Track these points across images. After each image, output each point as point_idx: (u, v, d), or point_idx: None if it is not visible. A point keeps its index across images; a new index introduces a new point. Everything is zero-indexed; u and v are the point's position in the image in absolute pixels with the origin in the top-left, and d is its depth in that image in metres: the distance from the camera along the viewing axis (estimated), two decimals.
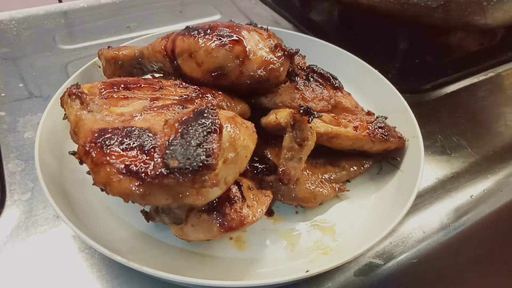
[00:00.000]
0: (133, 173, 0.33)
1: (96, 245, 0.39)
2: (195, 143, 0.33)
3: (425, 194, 0.56)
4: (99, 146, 0.35)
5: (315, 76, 0.57)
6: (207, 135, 0.34)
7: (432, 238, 0.51)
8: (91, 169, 0.35)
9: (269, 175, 0.49)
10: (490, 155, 0.63)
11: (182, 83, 0.48)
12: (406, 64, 0.84)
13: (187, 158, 0.32)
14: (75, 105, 0.41)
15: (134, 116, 0.40)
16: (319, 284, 0.45)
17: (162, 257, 0.44)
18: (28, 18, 0.94)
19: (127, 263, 0.38)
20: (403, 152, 0.55)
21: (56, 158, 0.51)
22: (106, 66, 0.58)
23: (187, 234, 0.41)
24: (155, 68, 0.55)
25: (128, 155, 0.34)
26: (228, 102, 0.49)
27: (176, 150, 0.33)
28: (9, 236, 0.48)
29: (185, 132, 0.34)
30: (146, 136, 0.36)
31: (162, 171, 0.33)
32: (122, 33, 0.91)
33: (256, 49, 0.47)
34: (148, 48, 0.54)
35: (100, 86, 0.43)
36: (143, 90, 0.45)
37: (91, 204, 0.48)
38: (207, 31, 0.48)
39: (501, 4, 0.71)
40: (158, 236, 0.46)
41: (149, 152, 0.34)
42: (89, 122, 0.39)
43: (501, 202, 0.56)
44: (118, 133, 0.36)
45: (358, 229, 0.49)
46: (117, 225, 0.47)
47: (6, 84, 0.73)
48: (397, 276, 0.48)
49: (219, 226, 0.39)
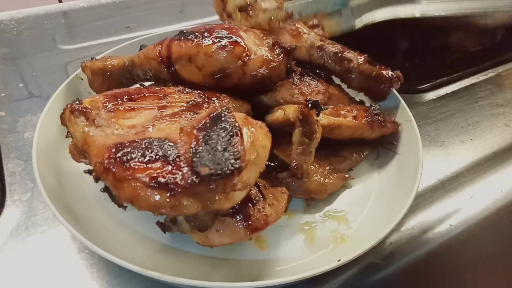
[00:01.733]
0: (162, 185, 0.33)
1: (125, 263, 0.38)
2: (221, 148, 0.33)
3: (425, 194, 0.56)
4: (120, 161, 0.34)
5: (307, 71, 0.58)
6: (231, 138, 0.34)
7: (432, 238, 0.51)
8: (114, 186, 0.34)
9: (281, 172, 0.49)
10: (490, 155, 0.63)
11: (185, 89, 0.47)
12: (406, 64, 0.84)
13: (217, 164, 0.32)
14: (80, 122, 0.39)
15: (147, 127, 0.39)
16: (319, 284, 0.45)
17: (187, 266, 0.44)
18: (28, 18, 0.94)
19: (162, 277, 0.37)
20: (398, 136, 0.57)
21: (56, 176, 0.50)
22: (93, 78, 0.56)
23: (212, 240, 0.41)
24: (148, 76, 0.54)
25: (153, 167, 0.33)
26: (233, 103, 0.49)
27: (203, 157, 0.33)
28: (9, 236, 0.48)
29: (208, 138, 0.34)
30: (167, 146, 0.35)
31: (193, 180, 0.32)
32: (122, 33, 0.91)
33: (256, 49, 0.47)
34: (139, 56, 0.53)
35: (103, 99, 0.42)
36: (148, 100, 0.44)
37: (99, 221, 0.48)
38: (204, 34, 0.47)
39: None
40: (177, 245, 0.46)
41: (174, 162, 0.34)
42: (100, 138, 0.37)
43: (501, 202, 0.56)
44: (137, 146, 0.35)
45: (370, 214, 0.50)
46: (132, 238, 0.47)
47: (6, 84, 0.73)
48: (397, 276, 0.48)
49: (244, 228, 0.40)
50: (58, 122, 0.43)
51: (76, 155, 0.44)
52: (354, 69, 0.56)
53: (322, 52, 0.56)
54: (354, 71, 0.56)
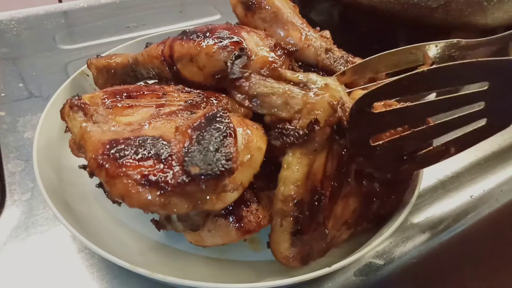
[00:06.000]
0: (153, 183, 0.33)
1: (116, 259, 0.38)
2: (213, 148, 0.33)
3: (425, 194, 0.56)
4: (113, 157, 0.34)
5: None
6: (223, 139, 0.34)
7: (432, 238, 0.51)
8: (106, 182, 0.34)
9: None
10: (490, 155, 0.63)
11: (185, 88, 0.47)
12: None
13: (208, 164, 0.32)
14: (78, 117, 0.40)
15: (143, 124, 0.39)
16: (319, 284, 0.45)
17: (179, 265, 0.44)
18: (28, 18, 0.94)
19: (151, 275, 0.37)
20: None
21: (56, 173, 0.51)
22: (97, 75, 0.57)
23: (204, 240, 0.41)
24: (151, 75, 0.55)
25: (145, 165, 0.34)
26: (232, 104, 0.49)
27: (195, 157, 0.33)
28: (9, 236, 0.48)
29: (201, 138, 0.34)
30: (160, 145, 0.35)
31: (183, 179, 0.32)
32: (122, 33, 0.91)
33: (257, 50, 0.47)
34: (143, 55, 0.54)
35: (102, 95, 0.42)
36: (147, 98, 0.44)
37: (97, 219, 0.48)
38: (206, 34, 0.47)
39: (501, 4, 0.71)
40: (170, 243, 0.46)
41: (166, 160, 0.34)
42: (96, 133, 0.38)
43: (501, 202, 0.56)
44: (131, 143, 0.35)
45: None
46: (127, 236, 0.47)
47: (6, 84, 0.73)
48: (397, 276, 0.48)
49: (236, 230, 0.39)
50: (59, 121, 0.43)
51: (76, 150, 0.45)
52: None
53: (329, 53, 0.56)
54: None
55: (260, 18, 0.56)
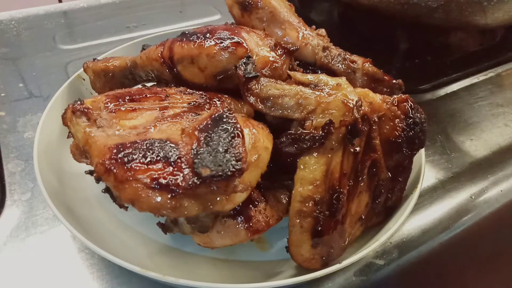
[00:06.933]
0: (163, 186, 0.33)
1: (126, 264, 0.38)
2: (222, 149, 0.33)
3: (425, 194, 0.56)
4: (121, 162, 0.34)
5: (309, 71, 0.57)
6: (232, 140, 0.34)
7: (432, 238, 0.51)
8: (115, 187, 0.34)
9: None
10: (490, 155, 0.63)
11: (187, 90, 0.47)
12: (406, 64, 0.84)
13: (219, 165, 0.32)
14: (81, 122, 0.39)
15: (149, 128, 0.39)
16: (319, 284, 0.45)
17: (188, 267, 0.44)
18: (28, 18, 0.94)
19: (162, 278, 0.37)
20: None
21: (58, 178, 0.50)
22: (95, 79, 0.56)
23: (213, 241, 0.41)
24: (150, 77, 0.54)
25: (154, 168, 0.33)
26: (235, 104, 0.49)
27: (205, 158, 0.33)
28: (9, 236, 0.48)
29: (209, 139, 0.34)
30: (168, 147, 0.35)
31: (194, 181, 0.32)
32: (122, 33, 0.91)
33: (258, 50, 0.47)
34: (141, 57, 0.53)
35: (105, 99, 0.42)
36: (150, 100, 0.44)
37: (102, 223, 0.48)
38: (206, 35, 0.47)
39: (501, 4, 0.71)
40: (177, 246, 0.46)
41: (175, 163, 0.34)
42: (101, 138, 0.37)
43: (501, 202, 0.56)
44: (138, 146, 0.35)
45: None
46: (133, 239, 0.47)
47: (6, 84, 0.73)
48: (397, 276, 0.48)
49: (245, 230, 0.39)
50: (59, 122, 0.43)
51: (78, 155, 0.44)
52: (358, 69, 0.56)
53: (327, 51, 0.56)
54: (359, 71, 0.56)
55: (257, 18, 0.56)
